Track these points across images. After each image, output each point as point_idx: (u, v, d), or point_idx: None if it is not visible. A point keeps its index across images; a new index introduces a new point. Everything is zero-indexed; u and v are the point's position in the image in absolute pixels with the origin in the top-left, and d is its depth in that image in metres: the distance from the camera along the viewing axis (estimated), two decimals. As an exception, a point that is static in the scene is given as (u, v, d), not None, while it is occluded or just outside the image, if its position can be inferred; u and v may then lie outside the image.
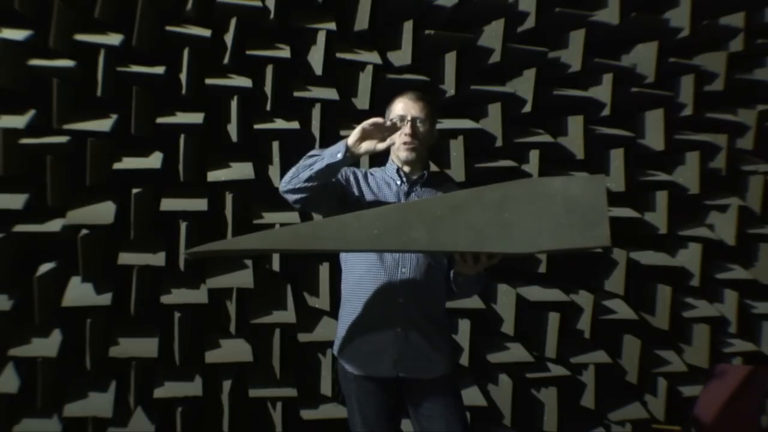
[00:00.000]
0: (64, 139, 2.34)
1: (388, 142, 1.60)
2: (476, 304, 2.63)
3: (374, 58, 2.60)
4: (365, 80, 2.58)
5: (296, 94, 2.55)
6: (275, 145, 2.51)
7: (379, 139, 1.60)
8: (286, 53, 2.54)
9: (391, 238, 1.49)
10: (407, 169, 1.81)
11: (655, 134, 2.97)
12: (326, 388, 2.56)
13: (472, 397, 2.59)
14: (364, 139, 1.60)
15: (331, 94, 2.56)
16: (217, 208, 2.49)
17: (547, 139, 2.81)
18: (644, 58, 2.97)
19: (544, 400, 2.80)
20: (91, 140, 2.30)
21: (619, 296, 2.89)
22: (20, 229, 2.32)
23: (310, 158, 1.66)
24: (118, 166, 2.38)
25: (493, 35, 2.74)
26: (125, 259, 2.37)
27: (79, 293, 2.35)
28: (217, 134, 2.54)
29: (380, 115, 1.78)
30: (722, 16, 3.14)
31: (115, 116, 2.40)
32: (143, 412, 2.46)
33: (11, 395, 2.32)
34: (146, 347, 2.40)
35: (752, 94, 3.23)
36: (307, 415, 2.54)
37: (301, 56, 2.60)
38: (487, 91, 2.76)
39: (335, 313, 1.98)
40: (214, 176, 2.46)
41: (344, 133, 2.42)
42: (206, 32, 2.47)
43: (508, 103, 2.77)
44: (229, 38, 2.46)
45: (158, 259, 2.39)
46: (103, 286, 2.39)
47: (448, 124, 2.64)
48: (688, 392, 2.97)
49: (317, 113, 2.53)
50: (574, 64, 2.85)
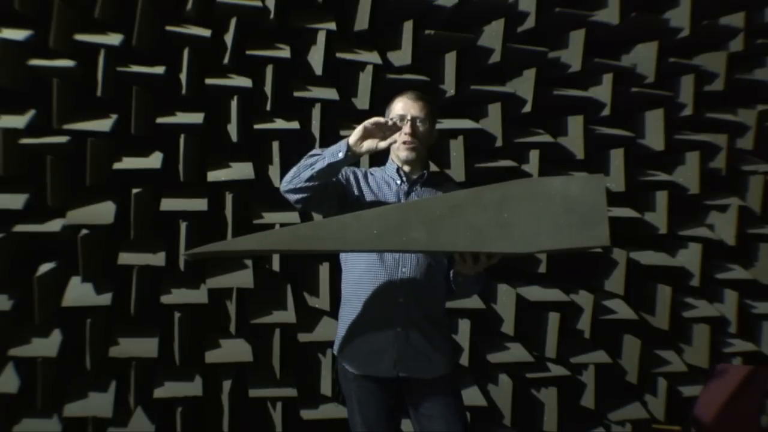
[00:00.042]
0: (64, 139, 2.34)
1: (389, 140, 1.60)
2: (476, 304, 2.63)
3: (374, 58, 2.60)
4: (365, 80, 2.58)
5: (296, 94, 2.55)
6: (275, 145, 2.51)
7: (380, 138, 1.60)
8: (286, 53, 2.54)
9: (390, 238, 1.49)
10: (407, 168, 1.81)
11: (655, 134, 2.97)
12: (326, 388, 2.55)
13: (472, 397, 2.59)
14: (365, 138, 1.60)
15: (331, 94, 2.56)
16: (217, 208, 2.49)
17: (547, 139, 2.81)
18: (644, 58, 2.97)
19: (544, 400, 2.80)
20: (91, 140, 2.31)
21: (619, 296, 2.89)
22: (20, 229, 2.32)
23: (311, 158, 1.67)
24: (118, 166, 2.38)
25: (493, 35, 2.74)
26: (125, 259, 2.37)
27: (79, 293, 2.35)
28: (217, 134, 2.54)
29: (380, 114, 1.79)
30: (722, 16, 3.14)
31: (115, 116, 2.40)
32: (143, 412, 2.46)
33: (11, 395, 2.32)
34: (146, 347, 2.40)
35: (752, 94, 3.23)
36: (307, 415, 2.54)
37: (301, 56, 2.60)
38: (487, 91, 2.76)
39: (335, 313, 1.98)
40: (214, 176, 2.46)
41: (344, 133, 2.42)
42: (206, 32, 2.47)
43: (508, 103, 2.77)
44: (229, 38, 2.46)
45: (158, 259, 2.39)
46: (103, 286, 2.39)
47: (448, 124, 2.64)
48: (688, 392, 2.97)
49: (317, 113, 2.53)
50: (574, 64, 2.85)
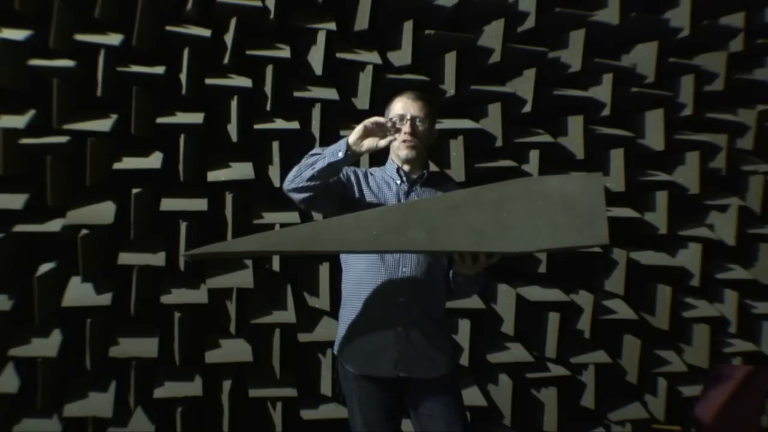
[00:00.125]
0: (64, 139, 2.34)
1: (388, 139, 1.60)
2: (476, 304, 2.63)
3: (374, 58, 2.61)
4: (365, 80, 2.58)
5: (296, 94, 2.55)
6: (275, 145, 2.51)
7: (380, 137, 1.60)
8: (286, 53, 2.54)
9: (390, 238, 1.49)
10: (407, 168, 1.81)
11: (655, 134, 2.97)
12: (326, 388, 2.55)
13: (472, 397, 2.59)
14: (365, 137, 1.60)
15: (331, 94, 2.56)
16: (217, 208, 2.49)
17: (547, 139, 2.81)
18: (644, 58, 2.97)
19: (544, 400, 2.80)
20: (91, 140, 2.31)
21: (619, 296, 2.89)
22: (20, 229, 2.32)
23: (311, 157, 1.67)
24: (118, 166, 2.38)
25: (493, 35, 2.74)
26: (125, 259, 2.37)
27: (79, 293, 2.35)
28: (217, 134, 2.54)
29: (380, 114, 1.79)
30: (722, 16, 3.14)
31: (115, 116, 2.40)
32: (143, 412, 2.46)
33: (11, 395, 2.32)
34: (146, 347, 2.40)
35: (752, 94, 3.23)
36: (307, 415, 2.54)
37: (301, 56, 2.60)
38: (487, 91, 2.76)
39: (335, 313, 1.98)
40: (214, 176, 2.46)
41: (344, 133, 2.42)
42: (206, 32, 2.47)
43: (508, 103, 2.77)
44: (229, 38, 2.46)
45: (158, 259, 2.39)
46: (103, 286, 2.39)
47: (448, 124, 2.64)
48: (688, 392, 2.97)
49: (317, 113, 2.53)
50: (574, 64, 2.85)
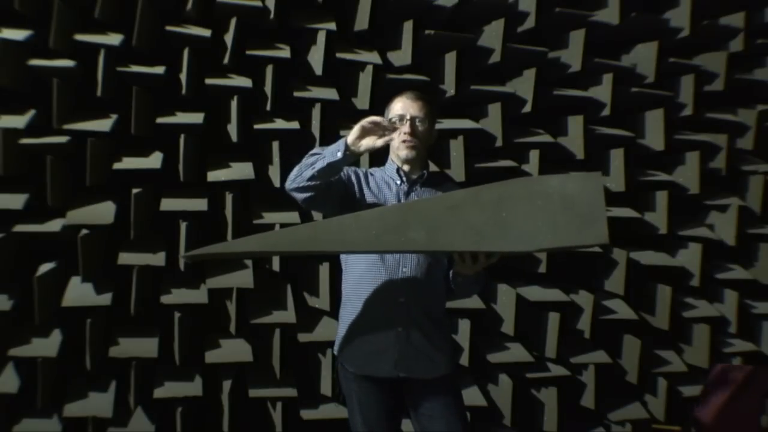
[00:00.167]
0: (64, 139, 2.34)
1: (386, 138, 1.60)
2: (476, 304, 2.63)
3: (374, 58, 2.60)
4: (365, 80, 2.58)
5: (296, 94, 2.55)
6: (275, 145, 2.51)
7: (378, 136, 1.60)
8: (286, 53, 2.54)
9: (389, 238, 1.49)
10: (407, 168, 1.81)
11: (655, 134, 2.97)
12: (326, 388, 2.55)
13: (472, 397, 2.59)
14: (363, 137, 1.60)
15: (331, 94, 2.56)
16: (217, 208, 2.49)
17: (547, 139, 2.81)
18: (644, 58, 2.97)
19: (544, 400, 2.80)
20: (91, 140, 2.31)
21: (619, 296, 2.89)
22: (20, 229, 2.32)
23: (312, 157, 1.67)
24: (118, 166, 2.38)
25: (493, 35, 2.74)
26: (125, 259, 2.37)
27: (79, 293, 2.35)
28: (217, 134, 2.54)
29: (380, 114, 1.79)
30: (722, 16, 3.14)
31: (115, 116, 2.40)
32: (143, 412, 2.46)
33: (11, 395, 2.32)
34: (146, 347, 2.40)
35: (752, 94, 3.23)
36: (307, 415, 2.54)
37: (301, 56, 2.60)
38: (487, 91, 2.76)
39: (335, 313, 1.97)
40: (214, 176, 2.46)
41: (344, 133, 2.41)
42: (206, 32, 2.47)
43: (508, 103, 2.77)
44: (229, 38, 2.46)
45: (158, 259, 2.39)
46: (103, 286, 2.39)
47: (448, 124, 2.64)
48: (688, 392, 2.97)
49: (317, 113, 2.53)
50: (574, 64, 2.85)
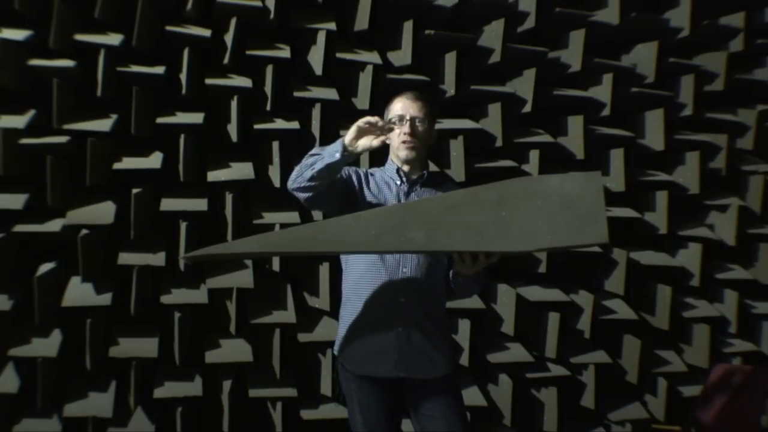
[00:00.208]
0: (64, 139, 2.34)
1: (381, 138, 1.60)
2: (476, 304, 2.63)
3: (374, 58, 2.60)
4: (365, 80, 2.58)
5: (296, 94, 2.55)
6: (275, 145, 2.51)
7: (375, 135, 1.60)
8: (286, 53, 2.54)
9: (389, 239, 1.49)
10: (407, 168, 1.81)
11: (655, 134, 2.97)
12: (326, 388, 2.55)
13: (472, 397, 2.59)
14: (359, 137, 1.60)
15: (331, 94, 2.56)
16: (217, 208, 2.49)
17: (547, 139, 2.81)
18: (644, 58, 2.97)
19: (544, 400, 2.80)
20: (91, 140, 2.31)
21: (619, 296, 2.89)
22: (20, 229, 2.32)
23: (311, 157, 1.67)
24: (118, 166, 2.38)
25: (493, 35, 2.74)
26: (125, 259, 2.37)
27: (79, 293, 2.35)
28: (217, 134, 2.54)
29: (380, 114, 1.79)
30: (722, 16, 3.14)
31: (115, 116, 2.40)
32: (143, 412, 2.46)
33: (11, 395, 2.32)
34: (146, 347, 2.40)
35: (752, 94, 3.23)
36: (307, 415, 2.54)
37: (301, 56, 2.60)
38: (487, 91, 2.76)
39: (335, 313, 1.97)
40: (214, 176, 2.46)
41: (344, 133, 2.40)
42: (206, 32, 2.47)
43: (508, 103, 2.77)
44: (229, 38, 2.46)
45: (158, 259, 2.39)
46: (103, 286, 2.39)
47: (448, 124, 2.64)
48: (688, 392, 2.97)
49: (317, 113, 2.53)
50: (574, 64, 2.85)
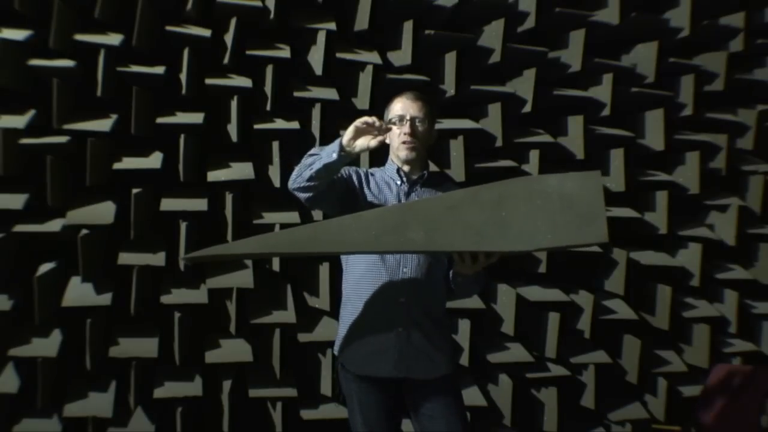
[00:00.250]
0: (64, 139, 2.34)
1: (379, 138, 1.60)
2: (476, 304, 2.63)
3: (374, 58, 2.61)
4: (365, 80, 2.58)
5: (296, 94, 2.55)
6: (275, 145, 2.51)
7: (373, 135, 1.60)
8: (286, 53, 2.54)
9: (389, 239, 1.48)
10: (407, 168, 1.81)
11: (655, 134, 2.97)
12: (326, 388, 2.55)
13: (472, 397, 2.59)
14: (357, 137, 1.60)
15: (331, 94, 2.56)
16: (217, 208, 2.49)
17: (547, 139, 2.81)
18: (644, 58, 2.97)
19: (544, 400, 2.80)
20: (91, 140, 2.31)
21: (619, 296, 2.89)
22: (20, 229, 2.32)
23: (310, 157, 1.67)
24: (118, 166, 2.38)
25: (493, 35, 2.74)
26: (125, 259, 2.37)
27: (79, 293, 2.35)
28: (217, 134, 2.54)
29: (380, 114, 1.79)
30: (722, 16, 3.14)
31: (115, 116, 2.40)
32: (143, 412, 2.46)
33: (11, 395, 2.32)
34: (146, 347, 2.40)
35: (752, 94, 3.23)
36: (307, 415, 2.54)
37: (301, 56, 2.60)
38: (487, 91, 2.76)
39: (335, 313, 1.97)
40: (214, 176, 2.46)
41: (344, 133, 2.42)
42: (206, 32, 2.47)
43: (508, 103, 2.77)
44: (229, 38, 2.46)
45: (158, 259, 2.39)
46: (103, 286, 2.39)
47: (448, 124, 2.64)
48: (688, 392, 2.97)
49: (317, 113, 2.53)
50: (574, 64, 2.85)
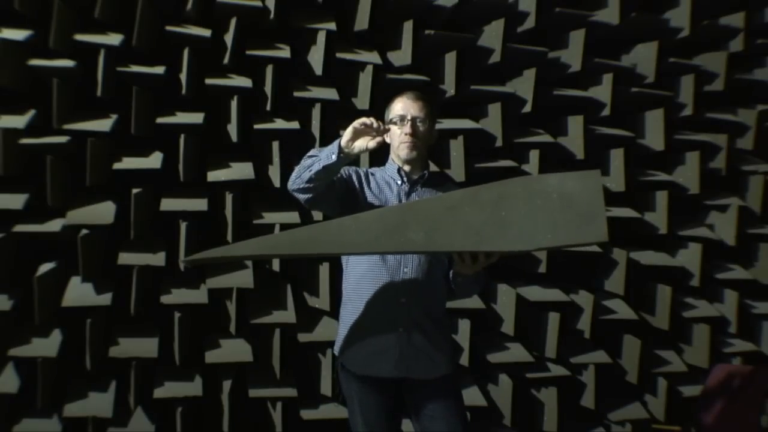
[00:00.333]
0: (64, 139, 2.34)
1: (378, 139, 1.60)
2: (476, 304, 2.63)
3: (374, 58, 2.60)
4: (365, 80, 2.58)
5: (296, 94, 2.55)
6: (275, 145, 2.51)
7: (371, 137, 1.60)
8: (286, 53, 2.54)
9: (389, 240, 1.48)
10: (408, 168, 1.81)
11: (655, 134, 2.97)
12: (326, 388, 2.55)
13: (472, 397, 2.59)
14: (356, 138, 1.60)
15: (331, 94, 2.56)
16: (217, 208, 2.49)
17: (547, 139, 2.81)
18: (644, 58, 2.97)
19: (544, 400, 2.80)
20: (91, 140, 2.31)
21: (619, 296, 2.89)
22: (20, 229, 2.32)
23: (309, 159, 1.67)
24: (118, 166, 2.38)
25: (493, 35, 2.74)
26: (125, 259, 2.37)
27: (79, 293, 2.35)
28: (217, 134, 2.54)
29: (380, 115, 1.79)
30: (722, 16, 3.14)
31: (115, 116, 2.40)
32: (143, 412, 2.46)
33: (11, 395, 2.32)
34: (146, 347, 2.40)
35: (752, 94, 3.23)
36: (307, 415, 2.54)
37: (301, 56, 2.60)
38: (487, 91, 2.76)
39: (335, 313, 1.97)
40: (214, 176, 2.46)
41: (343, 133, 2.42)
42: (206, 32, 2.47)
43: (508, 103, 2.77)
44: (229, 38, 2.46)
45: (158, 259, 2.39)
46: (103, 286, 2.39)
47: (448, 124, 2.64)
48: (688, 392, 2.97)
49: (317, 113, 2.53)
50: (574, 64, 2.85)
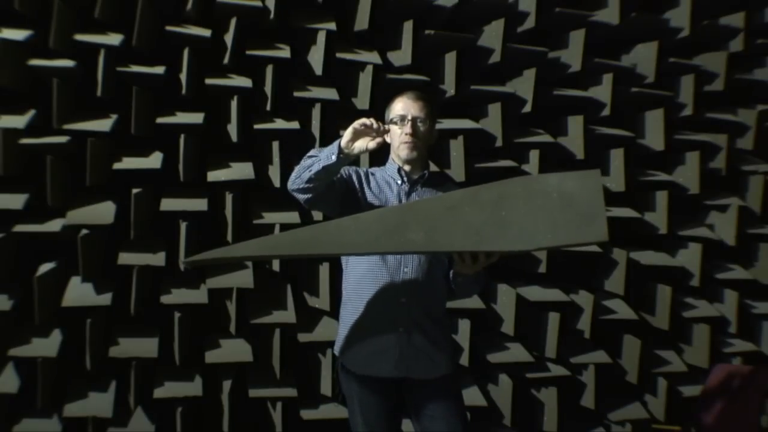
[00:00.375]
0: (64, 139, 2.34)
1: (378, 140, 1.60)
2: (476, 304, 2.63)
3: (374, 58, 2.60)
4: (365, 80, 2.58)
5: (296, 94, 2.55)
6: (275, 145, 2.51)
7: (371, 137, 1.60)
8: (286, 53, 2.54)
9: (389, 240, 1.48)
10: (408, 168, 1.81)
11: (655, 134, 2.97)
12: (326, 388, 2.55)
13: (472, 397, 2.59)
14: (355, 139, 1.60)
15: (331, 94, 2.56)
16: (217, 208, 2.49)
17: (547, 139, 2.81)
18: (644, 58, 2.97)
19: (544, 400, 2.80)
20: (91, 140, 2.31)
21: (619, 296, 2.89)
22: (20, 229, 2.32)
23: (309, 159, 1.68)
24: (118, 166, 2.38)
25: (493, 35, 2.74)
26: (125, 259, 2.37)
27: (79, 293, 2.35)
28: (217, 134, 2.54)
29: (380, 115, 1.79)
30: (722, 16, 3.14)
31: (115, 116, 2.40)
32: (143, 412, 2.46)
33: (11, 395, 2.32)
34: (146, 347, 2.40)
35: (752, 94, 3.23)
36: (307, 415, 2.54)
37: (301, 56, 2.60)
38: (487, 91, 2.76)
39: (335, 313, 1.97)
40: (214, 176, 2.46)
41: (343, 133, 2.42)
42: (206, 32, 2.47)
43: (508, 103, 2.77)
44: (229, 38, 2.46)
45: (158, 259, 2.39)
46: (103, 286, 2.39)
47: (448, 124, 2.64)
48: (688, 392, 2.97)
49: (317, 113, 2.53)
50: (574, 64, 2.85)
